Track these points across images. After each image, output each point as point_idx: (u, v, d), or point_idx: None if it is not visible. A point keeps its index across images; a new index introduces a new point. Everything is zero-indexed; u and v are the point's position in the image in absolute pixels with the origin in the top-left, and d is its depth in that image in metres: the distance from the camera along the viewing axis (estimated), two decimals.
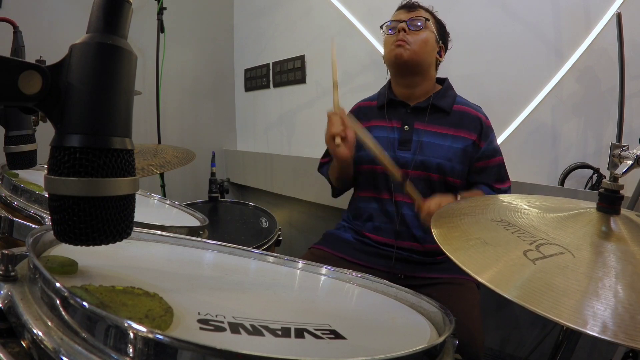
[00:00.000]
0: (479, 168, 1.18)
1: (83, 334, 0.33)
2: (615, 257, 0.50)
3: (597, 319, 0.39)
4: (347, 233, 1.28)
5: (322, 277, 0.72)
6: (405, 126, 1.20)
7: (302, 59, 2.23)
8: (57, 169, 0.33)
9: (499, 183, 1.19)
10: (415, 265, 1.16)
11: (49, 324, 0.35)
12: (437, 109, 1.19)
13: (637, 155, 0.59)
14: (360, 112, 1.29)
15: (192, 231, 0.89)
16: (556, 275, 0.46)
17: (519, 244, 0.53)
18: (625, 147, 0.61)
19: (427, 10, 1.22)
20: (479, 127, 1.17)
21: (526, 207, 0.68)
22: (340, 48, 2.05)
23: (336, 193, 1.37)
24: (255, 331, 0.43)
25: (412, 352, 0.39)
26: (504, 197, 0.76)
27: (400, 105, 1.23)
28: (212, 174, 1.94)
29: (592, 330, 0.37)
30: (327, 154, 1.36)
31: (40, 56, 0.86)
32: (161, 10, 2.12)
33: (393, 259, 1.16)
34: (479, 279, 0.45)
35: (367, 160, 1.21)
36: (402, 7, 1.22)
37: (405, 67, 1.18)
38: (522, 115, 1.49)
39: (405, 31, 1.16)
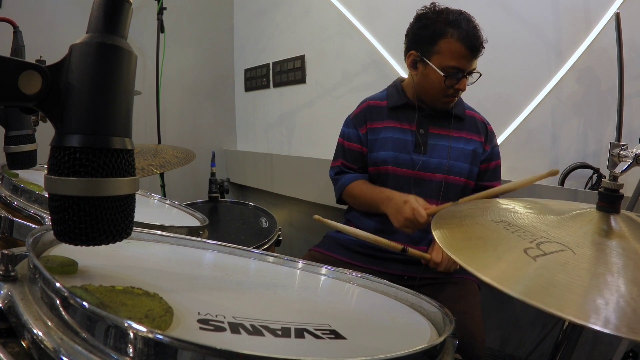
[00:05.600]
0: (481, 170, 1.23)
1: (83, 334, 0.33)
2: (616, 254, 0.50)
3: (599, 313, 0.39)
4: (349, 235, 1.27)
5: (322, 277, 0.72)
6: (421, 130, 1.20)
7: (302, 58, 2.23)
8: (57, 169, 0.33)
9: (494, 182, 1.25)
10: (419, 266, 1.15)
11: (49, 324, 0.35)
12: (454, 116, 1.20)
13: (637, 154, 0.60)
14: (370, 111, 1.26)
15: (192, 231, 0.89)
16: (558, 271, 0.46)
17: (519, 242, 0.53)
18: (625, 146, 0.61)
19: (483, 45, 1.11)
20: (485, 130, 1.24)
21: (526, 208, 0.68)
22: (340, 48, 2.05)
23: (341, 202, 1.32)
24: (255, 331, 0.43)
25: (412, 352, 0.39)
26: (504, 200, 0.76)
27: (414, 108, 1.21)
28: (212, 174, 1.94)
29: (595, 324, 0.38)
30: (341, 157, 1.29)
31: (40, 56, 0.86)
32: (161, 10, 2.12)
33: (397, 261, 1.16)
34: (483, 278, 0.45)
35: (382, 161, 1.20)
36: (470, 50, 1.07)
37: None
38: (522, 115, 1.49)
39: (463, 89, 1.12)
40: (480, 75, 1.12)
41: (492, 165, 1.23)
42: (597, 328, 0.37)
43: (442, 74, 1.08)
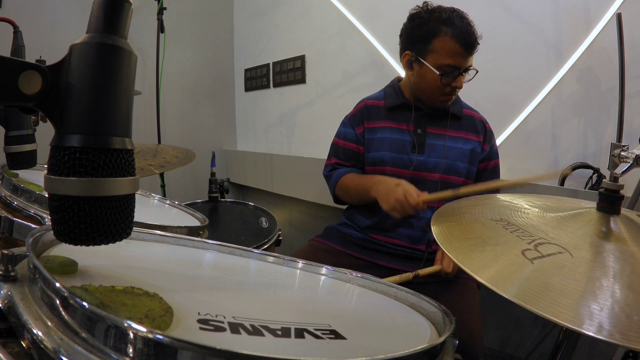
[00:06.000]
0: (480, 170, 1.23)
1: (83, 334, 0.33)
2: (614, 257, 0.50)
3: (593, 318, 0.39)
4: (350, 229, 1.28)
5: (322, 277, 0.72)
6: (419, 129, 1.19)
7: (302, 58, 2.23)
8: (57, 169, 0.33)
9: None
10: (419, 261, 1.16)
11: (49, 324, 0.35)
12: (451, 115, 1.20)
13: (637, 155, 0.59)
14: (368, 110, 1.25)
15: (192, 231, 0.89)
16: (554, 274, 0.46)
17: (517, 243, 0.53)
18: (625, 147, 0.61)
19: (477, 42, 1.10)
20: (484, 130, 1.23)
21: (526, 206, 0.68)
22: (340, 48, 2.05)
23: (339, 202, 1.32)
24: (255, 331, 0.43)
25: (412, 352, 0.39)
26: (504, 197, 0.76)
27: (411, 108, 1.20)
28: (212, 174, 1.94)
29: (588, 330, 0.37)
30: (334, 155, 1.30)
31: (40, 56, 0.86)
32: (161, 10, 2.12)
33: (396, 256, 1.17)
34: (478, 278, 0.45)
35: (379, 162, 1.20)
36: (465, 47, 1.07)
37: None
38: (522, 115, 1.49)
39: (460, 87, 1.11)
40: (477, 72, 1.12)
41: (491, 165, 1.23)
42: (591, 334, 0.37)
43: (438, 72, 1.08)
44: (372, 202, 1.12)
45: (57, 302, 0.36)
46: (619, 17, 1.00)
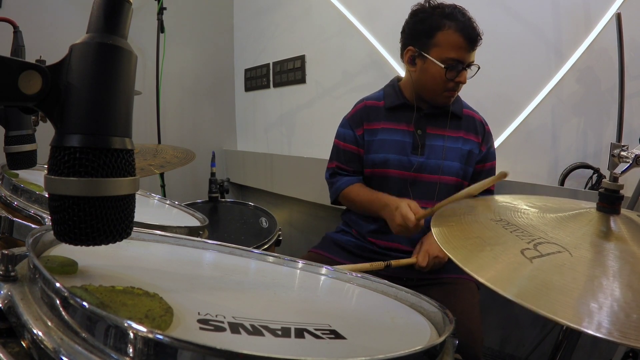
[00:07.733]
0: (476, 171, 1.22)
1: (83, 334, 0.33)
2: (614, 256, 0.50)
3: (592, 317, 0.39)
4: (347, 236, 1.27)
5: (322, 277, 0.72)
6: (418, 130, 1.19)
7: (302, 59, 2.23)
8: (57, 169, 0.33)
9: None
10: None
11: (49, 324, 0.35)
12: (451, 115, 1.19)
13: (637, 155, 0.60)
14: (367, 111, 1.24)
15: (192, 231, 0.89)
16: (553, 273, 0.46)
17: (517, 242, 0.53)
18: (625, 147, 0.61)
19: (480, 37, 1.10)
20: (482, 131, 1.22)
21: (526, 207, 0.68)
22: (340, 48, 2.05)
23: (337, 203, 1.32)
24: (255, 331, 0.43)
25: (412, 352, 0.39)
26: (504, 197, 0.76)
27: (411, 108, 1.19)
28: (212, 174, 1.94)
29: (587, 328, 0.38)
30: (335, 158, 1.29)
31: (40, 56, 0.86)
32: (161, 10, 2.12)
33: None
34: (478, 278, 0.45)
35: (379, 163, 1.19)
36: (468, 40, 1.07)
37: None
38: (522, 115, 1.49)
39: (464, 82, 1.11)
40: (479, 68, 1.12)
41: (487, 167, 1.23)
42: (590, 332, 0.37)
43: (443, 66, 1.07)
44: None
45: (57, 302, 0.36)
46: (618, 17, 1.00)
